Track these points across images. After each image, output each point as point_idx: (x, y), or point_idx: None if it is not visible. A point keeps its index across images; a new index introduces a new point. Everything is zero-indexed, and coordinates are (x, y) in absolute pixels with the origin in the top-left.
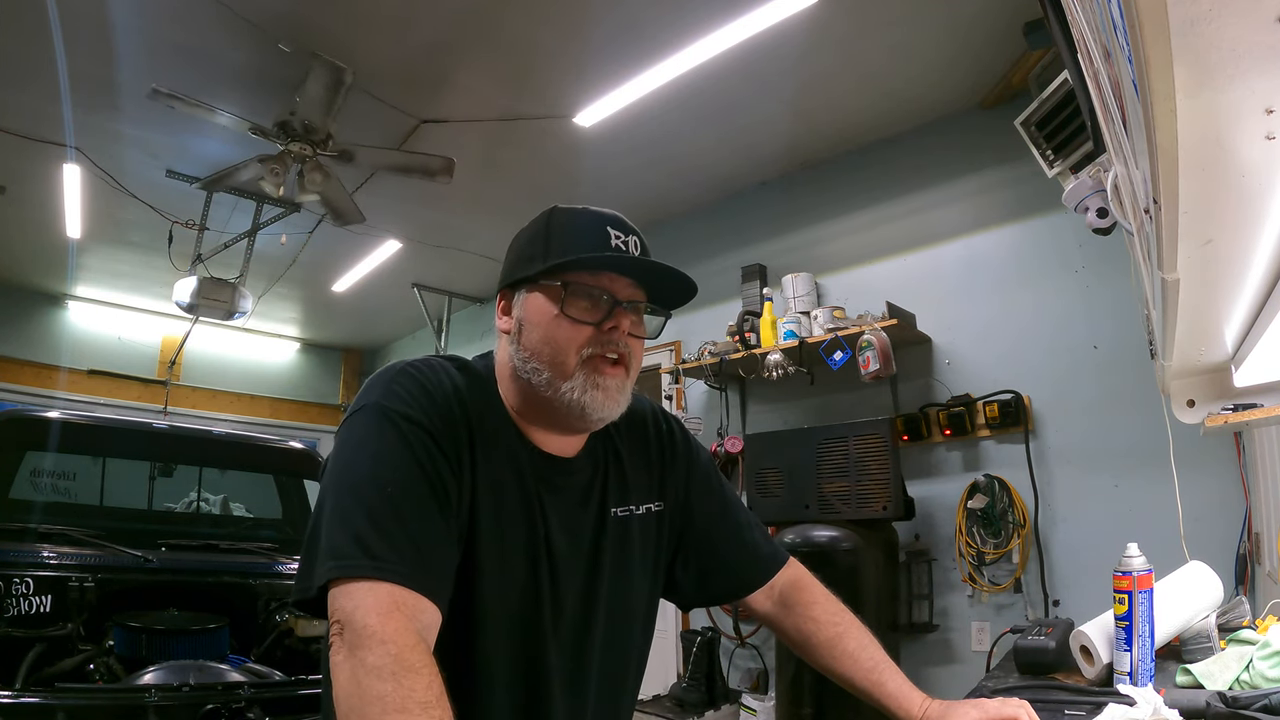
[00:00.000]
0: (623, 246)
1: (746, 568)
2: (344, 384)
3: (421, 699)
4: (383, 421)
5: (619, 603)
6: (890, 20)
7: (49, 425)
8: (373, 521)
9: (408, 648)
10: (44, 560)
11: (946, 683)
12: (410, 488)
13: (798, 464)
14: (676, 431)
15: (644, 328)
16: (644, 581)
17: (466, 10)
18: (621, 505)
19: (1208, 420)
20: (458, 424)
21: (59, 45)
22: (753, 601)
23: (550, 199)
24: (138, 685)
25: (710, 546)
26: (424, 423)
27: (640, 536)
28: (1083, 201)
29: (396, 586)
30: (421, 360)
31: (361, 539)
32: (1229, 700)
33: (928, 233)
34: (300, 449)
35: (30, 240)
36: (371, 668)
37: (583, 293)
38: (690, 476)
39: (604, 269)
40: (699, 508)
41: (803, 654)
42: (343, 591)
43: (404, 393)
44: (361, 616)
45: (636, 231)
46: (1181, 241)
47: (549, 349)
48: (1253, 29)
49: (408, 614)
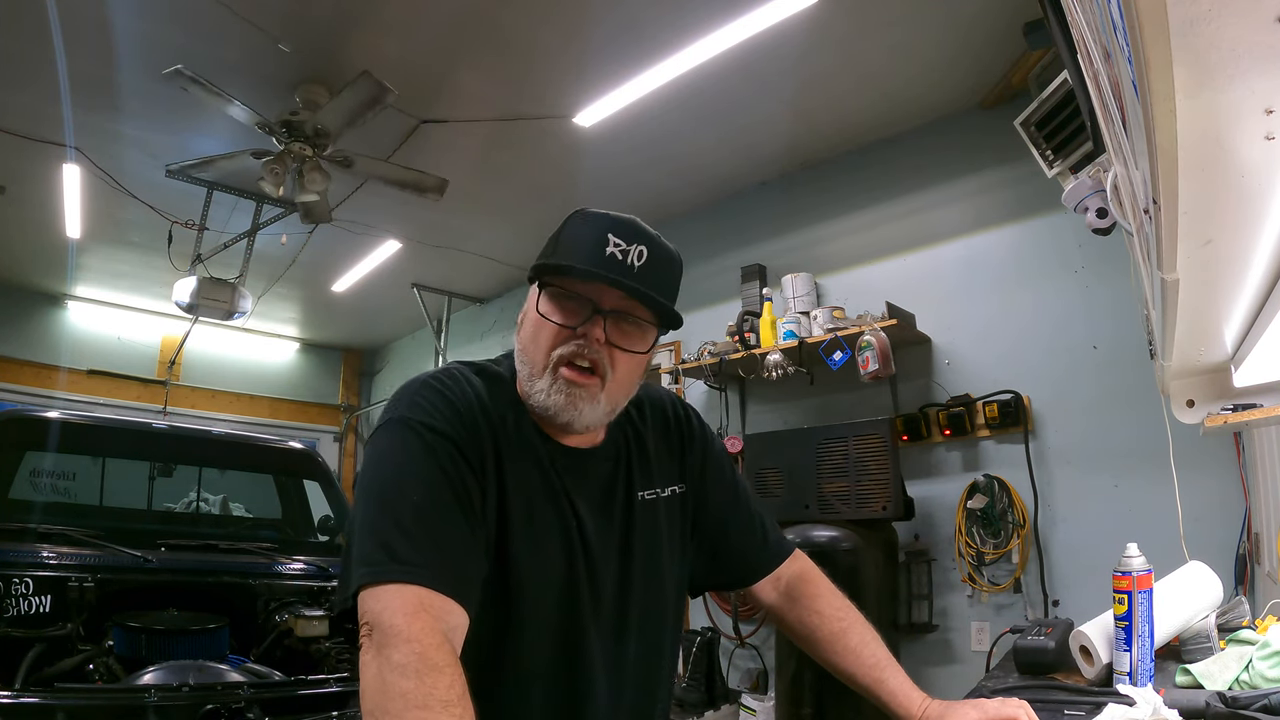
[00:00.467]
0: (619, 256)
1: (754, 555)
2: (344, 384)
3: (443, 697)
4: (407, 433)
5: (652, 585)
6: (890, 20)
7: (49, 425)
8: (400, 529)
9: (432, 647)
10: (44, 560)
11: (946, 683)
12: (436, 496)
13: (797, 464)
14: (693, 418)
15: (635, 339)
16: (673, 562)
17: (466, 10)
18: (648, 488)
19: (1207, 420)
20: (481, 432)
21: (59, 45)
22: (758, 591)
23: (550, 199)
24: (137, 685)
25: (721, 532)
26: (448, 432)
27: (666, 518)
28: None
29: (424, 589)
30: (443, 371)
31: (389, 546)
32: (1229, 700)
33: (928, 233)
34: (300, 449)
35: (30, 240)
36: (396, 665)
37: (562, 296)
38: (705, 463)
39: (578, 278)
40: (712, 494)
41: (806, 648)
42: (372, 595)
43: (427, 405)
44: (389, 617)
45: (648, 240)
46: (1181, 241)
47: (531, 345)
48: (1253, 29)
49: (434, 615)
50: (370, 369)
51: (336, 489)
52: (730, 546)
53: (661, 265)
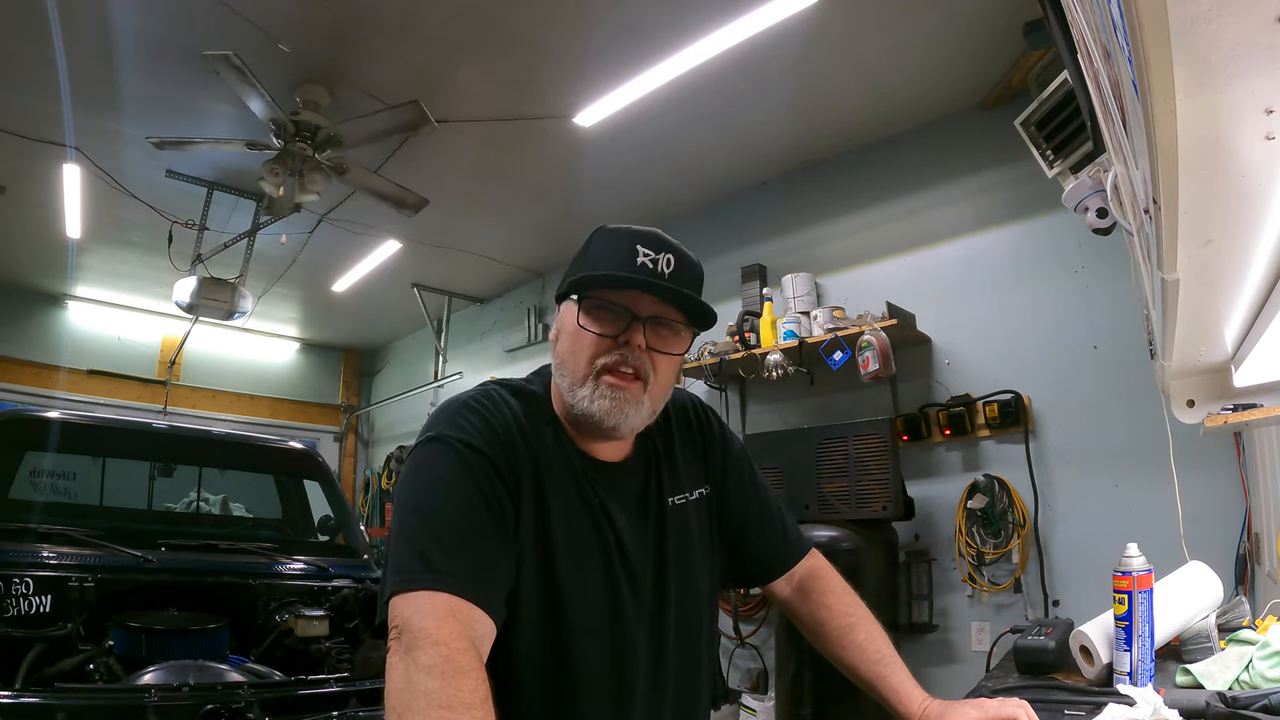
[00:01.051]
0: (650, 264)
1: (775, 553)
2: (344, 384)
3: (466, 700)
4: (446, 450)
5: (686, 589)
6: (890, 20)
7: (49, 425)
8: (435, 539)
9: (459, 651)
10: (44, 560)
11: (946, 683)
12: (470, 510)
13: (798, 464)
14: (713, 420)
15: (672, 343)
16: (704, 564)
17: (466, 10)
18: (677, 494)
19: (1207, 420)
20: (519, 452)
21: (59, 45)
22: (774, 586)
23: (550, 199)
24: (138, 685)
25: (744, 531)
26: (485, 451)
27: (696, 521)
28: (1082, 201)
29: (454, 597)
30: (481, 392)
31: (424, 555)
32: (1229, 700)
33: (928, 233)
34: (300, 449)
35: (30, 240)
36: (423, 666)
37: (600, 306)
38: (726, 463)
39: (620, 287)
40: (734, 493)
41: (813, 640)
42: (403, 600)
43: (467, 424)
44: (419, 621)
45: (673, 249)
46: (1181, 241)
47: (571, 357)
48: (1253, 29)
49: (462, 621)
50: (370, 369)
51: (337, 489)
52: (751, 544)
53: (688, 270)
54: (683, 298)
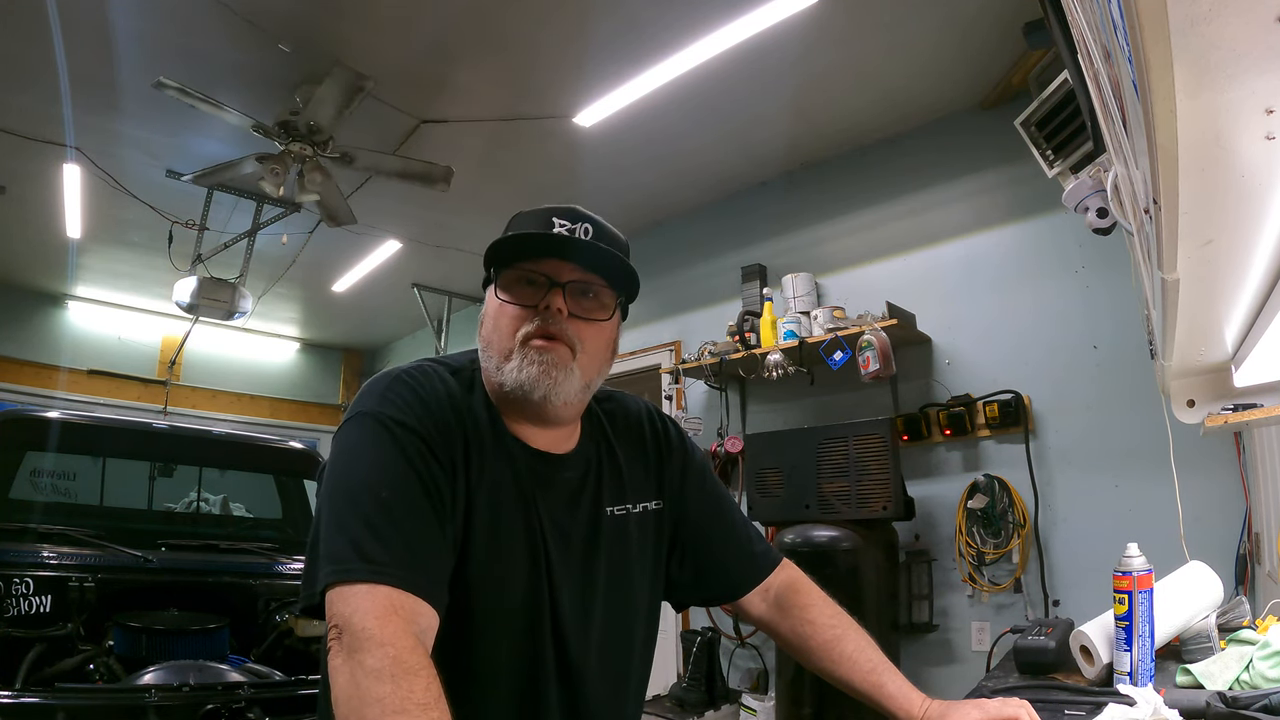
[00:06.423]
0: (566, 232)
1: (741, 568)
2: (344, 384)
3: (420, 700)
4: (378, 428)
5: (618, 600)
6: (890, 20)
7: (49, 425)
8: (369, 526)
9: (406, 650)
10: (44, 560)
11: (946, 683)
12: (405, 493)
13: (798, 464)
14: (672, 430)
15: (595, 309)
16: (644, 579)
17: (467, 10)
18: (618, 504)
19: (1208, 420)
20: (452, 429)
21: (59, 45)
22: (747, 605)
23: (550, 199)
24: (138, 685)
25: (705, 545)
26: (418, 429)
27: (639, 534)
28: (1083, 201)
29: (394, 590)
30: (415, 367)
31: (358, 544)
32: (1229, 700)
33: (928, 233)
34: (300, 449)
35: (30, 240)
36: (370, 670)
37: (518, 279)
38: (685, 475)
39: (537, 256)
40: (694, 507)
41: (800, 658)
42: (340, 595)
43: (398, 400)
44: (360, 620)
45: (592, 220)
46: (1181, 241)
47: (495, 335)
48: (1253, 29)
49: (405, 617)
50: (370, 369)
51: None
52: (714, 559)
53: (609, 239)
54: (601, 257)
